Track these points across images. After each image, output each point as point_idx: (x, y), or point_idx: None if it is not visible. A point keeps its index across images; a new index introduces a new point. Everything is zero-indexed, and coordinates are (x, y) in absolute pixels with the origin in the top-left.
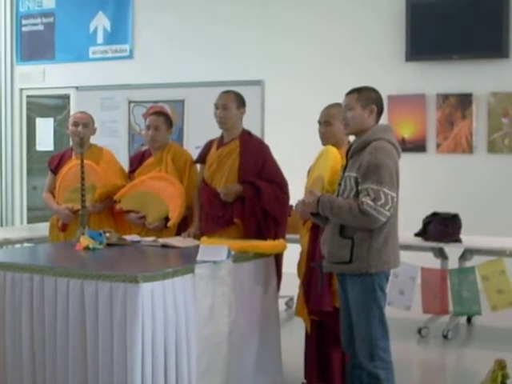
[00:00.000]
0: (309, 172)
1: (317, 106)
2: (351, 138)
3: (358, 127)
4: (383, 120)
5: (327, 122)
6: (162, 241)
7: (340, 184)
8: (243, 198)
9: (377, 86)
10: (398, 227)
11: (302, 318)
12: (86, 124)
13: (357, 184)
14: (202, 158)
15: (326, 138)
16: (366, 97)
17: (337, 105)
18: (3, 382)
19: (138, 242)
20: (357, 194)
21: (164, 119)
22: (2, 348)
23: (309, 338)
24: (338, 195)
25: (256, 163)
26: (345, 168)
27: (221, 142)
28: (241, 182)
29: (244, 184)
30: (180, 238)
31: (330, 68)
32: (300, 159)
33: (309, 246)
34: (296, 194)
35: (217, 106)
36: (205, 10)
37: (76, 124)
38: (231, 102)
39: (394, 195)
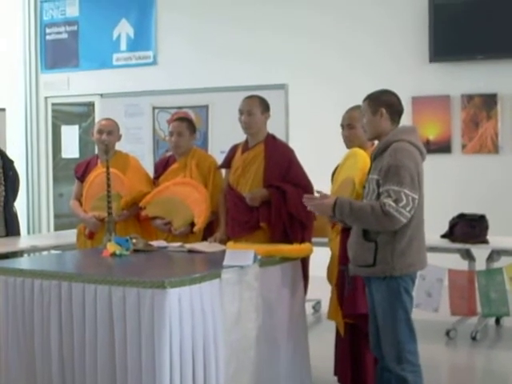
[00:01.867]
0: (333, 175)
1: (341, 109)
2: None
3: (375, 132)
4: (407, 121)
5: (350, 125)
6: (188, 246)
7: (364, 187)
8: (269, 202)
9: (401, 88)
10: (423, 228)
11: (336, 321)
12: (111, 132)
13: (378, 186)
14: (227, 163)
15: (350, 140)
16: (374, 101)
17: (358, 107)
18: None
19: (165, 247)
20: (379, 195)
21: (187, 125)
22: (31, 354)
23: (342, 342)
24: (363, 198)
25: (281, 167)
26: (369, 171)
27: (246, 146)
28: (266, 186)
29: (270, 188)
30: (206, 243)
31: (353, 71)
32: (324, 163)
33: (340, 249)
34: None
35: (241, 112)
36: (228, 16)
37: (100, 132)
38: (256, 108)
39: (416, 196)
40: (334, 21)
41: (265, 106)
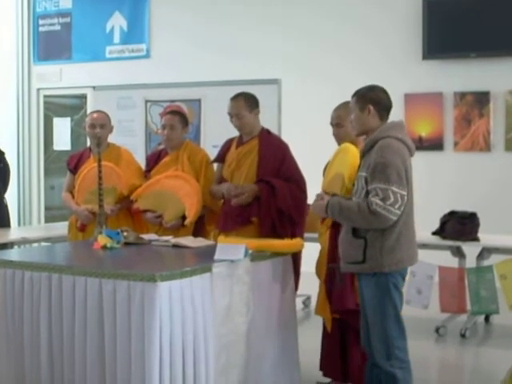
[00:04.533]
0: (324, 170)
1: (334, 105)
2: None
3: (362, 128)
4: (400, 118)
5: (338, 124)
6: (173, 241)
7: (354, 184)
8: (260, 197)
9: (393, 85)
10: (413, 224)
11: (323, 316)
12: (103, 125)
13: (367, 183)
14: (222, 157)
15: (340, 138)
16: (362, 98)
17: (344, 104)
18: (21, 380)
19: (154, 241)
20: (367, 193)
21: (179, 118)
22: (20, 346)
23: (330, 337)
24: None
25: (275, 161)
26: (358, 168)
27: (240, 140)
28: (256, 181)
29: (259, 183)
30: (191, 237)
31: (346, 67)
32: (317, 158)
33: (329, 244)
34: (313, 192)
35: (231, 115)
36: (221, 9)
37: (93, 126)
38: (243, 110)
39: (404, 193)
40: (328, 17)
41: (252, 104)
